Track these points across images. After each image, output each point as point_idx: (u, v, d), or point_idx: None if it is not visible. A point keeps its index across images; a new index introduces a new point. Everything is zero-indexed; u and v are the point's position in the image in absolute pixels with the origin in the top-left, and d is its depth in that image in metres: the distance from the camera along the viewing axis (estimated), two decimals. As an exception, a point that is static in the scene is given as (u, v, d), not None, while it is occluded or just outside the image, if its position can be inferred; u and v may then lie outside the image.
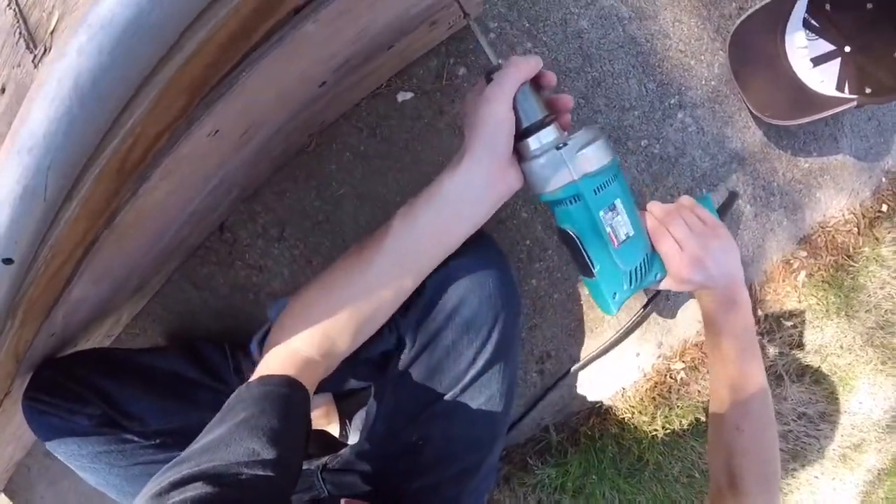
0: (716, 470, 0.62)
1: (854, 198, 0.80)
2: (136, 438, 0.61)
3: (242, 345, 0.71)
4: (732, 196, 0.72)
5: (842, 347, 0.86)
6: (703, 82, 0.69)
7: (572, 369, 0.78)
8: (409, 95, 0.64)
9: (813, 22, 0.70)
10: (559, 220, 0.52)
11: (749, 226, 0.76)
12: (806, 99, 0.68)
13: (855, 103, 0.66)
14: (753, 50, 0.70)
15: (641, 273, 0.56)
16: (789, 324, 0.81)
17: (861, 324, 0.85)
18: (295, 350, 0.49)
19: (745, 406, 0.60)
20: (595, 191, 0.49)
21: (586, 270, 0.54)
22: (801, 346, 0.83)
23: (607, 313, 0.57)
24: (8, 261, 0.35)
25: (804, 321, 0.82)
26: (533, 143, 0.47)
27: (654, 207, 0.58)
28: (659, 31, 0.67)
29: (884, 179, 0.82)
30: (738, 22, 0.68)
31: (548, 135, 0.47)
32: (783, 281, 0.80)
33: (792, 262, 0.79)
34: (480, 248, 0.56)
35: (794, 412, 0.90)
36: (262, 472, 0.40)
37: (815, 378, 0.87)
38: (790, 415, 0.89)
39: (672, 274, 0.58)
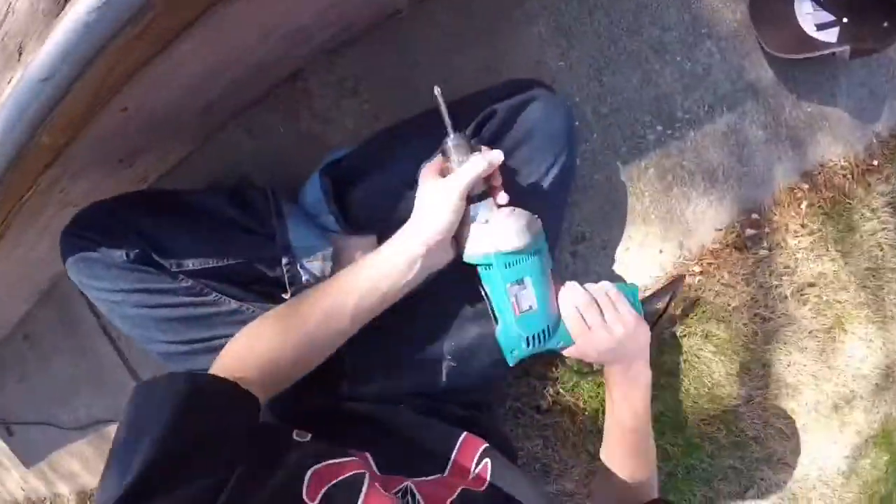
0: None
1: (849, 148, 0.94)
2: (168, 279, 0.62)
3: (287, 190, 0.75)
4: (677, 281, 0.81)
5: (838, 281, 0.96)
6: (728, 22, 0.86)
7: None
8: (499, -18, 0.81)
9: (818, -6, 0.88)
10: (480, 277, 0.61)
11: (761, 148, 0.90)
12: (810, 42, 0.85)
13: (849, 49, 0.83)
14: (769, 8, 0.87)
15: (540, 340, 0.63)
16: (793, 244, 0.93)
17: (855, 263, 0.96)
18: (240, 374, 0.50)
19: (637, 476, 0.70)
20: (506, 265, 0.58)
21: (493, 320, 0.63)
22: (802, 269, 0.94)
23: (507, 362, 0.64)
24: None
25: (806, 246, 0.93)
26: (470, 210, 0.57)
27: (574, 290, 0.64)
28: (696, -23, 0.85)
29: (874, 140, 0.97)
30: (758, -18, 0.87)
31: (479, 209, 0.58)
32: (788, 206, 0.92)
33: (796, 190, 0.92)
34: (550, 91, 0.69)
35: (796, 344, 0.98)
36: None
37: (815, 309, 0.97)
38: (793, 344, 0.98)
39: (578, 348, 0.65)
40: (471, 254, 0.59)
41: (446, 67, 0.83)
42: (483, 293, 0.63)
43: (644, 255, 0.91)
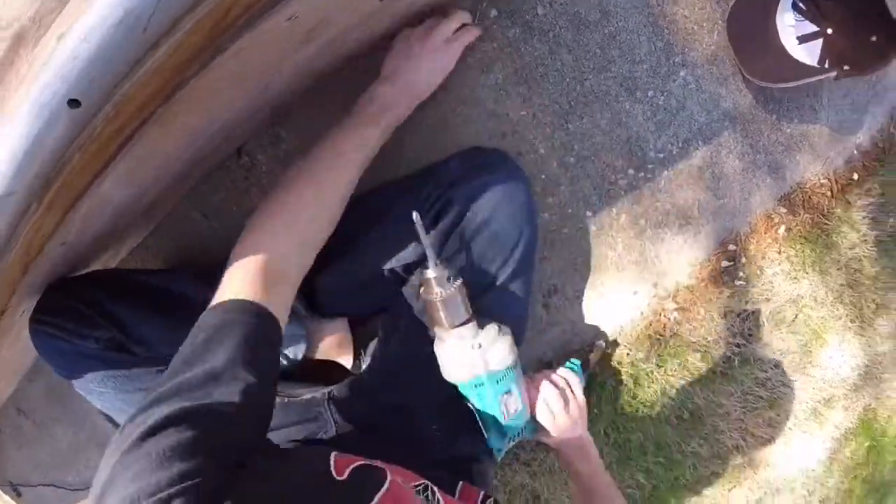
0: None
1: (828, 165, 0.90)
2: (143, 364, 0.61)
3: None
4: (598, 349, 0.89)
5: (815, 300, 0.95)
6: (704, 46, 0.79)
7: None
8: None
9: (801, 5, 0.80)
10: (463, 393, 0.64)
11: (737, 179, 0.85)
12: (792, 67, 0.78)
13: (834, 74, 0.77)
14: (748, 24, 0.79)
15: (520, 434, 0.71)
16: (770, 272, 0.91)
17: (833, 280, 0.95)
18: (260, 268, 0.49)
19: None
20: (497, 381, 0.62)
21: (481, 430, 0.67)
22: (779, 294, 0.93)
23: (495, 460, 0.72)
24: (74, 103, 0.28)
25: (784, 271, 0.91)
26: (454, 336, 0.60)
27: (544, 388, 0.71)
28: (667, -2, 0.76)
29: (855, 152, 0.92)
30: (735, -2, 0.78)
31: (465, 333, 0.60)
32: (765, 233, 0.89)
33: (773, 216, 0.89)
34: (509, 165, 0.64)
35: (772, 361, 0.99)
36: (237, 407, 0.41)
37: (791, 328, 0.96)
38: (769, 362, 0.98)
39: (542, 432, 0.73)
40: (463, 377, 0.62)
41: (400, 126, 0.76)
42: (470, 406, 0.65)
43: (618, 300, 0.88)
